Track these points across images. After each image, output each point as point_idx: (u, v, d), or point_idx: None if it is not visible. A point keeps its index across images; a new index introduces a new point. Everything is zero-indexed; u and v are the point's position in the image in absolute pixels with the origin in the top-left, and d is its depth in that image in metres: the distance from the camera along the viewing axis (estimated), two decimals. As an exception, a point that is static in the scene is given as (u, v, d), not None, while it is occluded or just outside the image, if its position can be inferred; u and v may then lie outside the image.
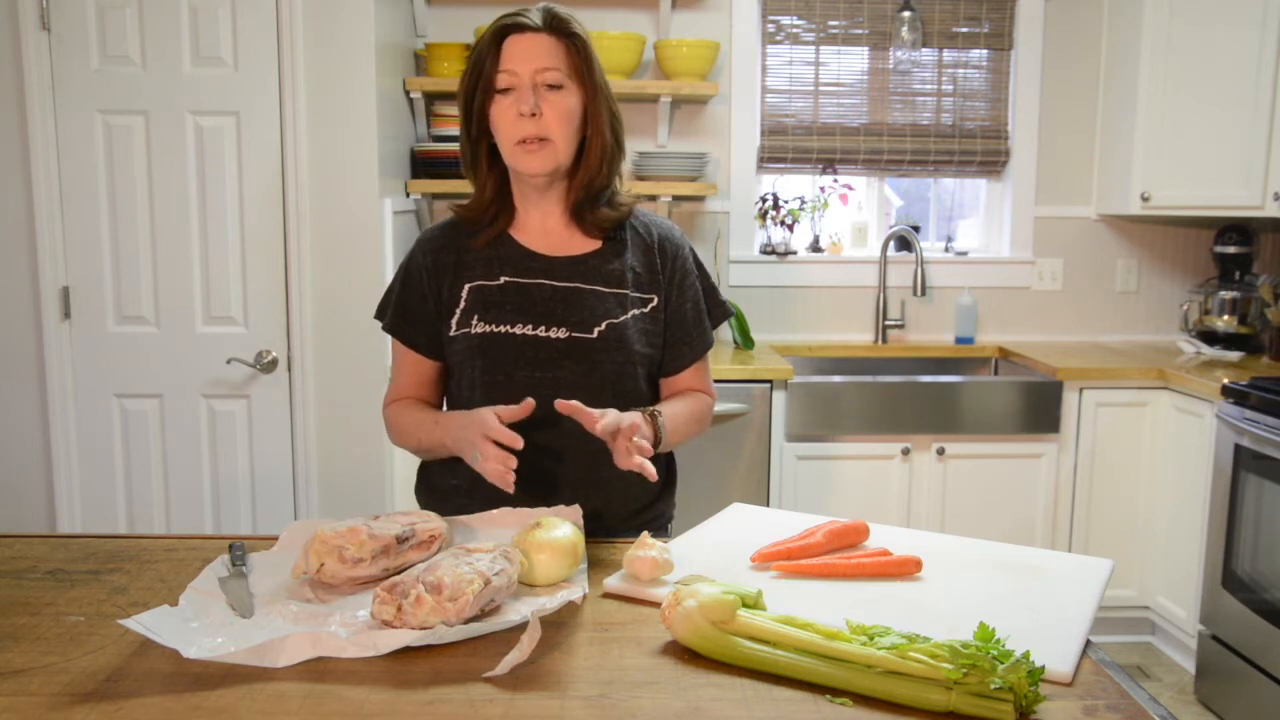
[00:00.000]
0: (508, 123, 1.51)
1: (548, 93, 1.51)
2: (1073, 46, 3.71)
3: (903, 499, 3.21)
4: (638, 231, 1.65)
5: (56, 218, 2.82)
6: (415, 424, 1.61)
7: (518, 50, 1.50)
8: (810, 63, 3.67)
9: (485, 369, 1.56)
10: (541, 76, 1.50)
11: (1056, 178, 3.77)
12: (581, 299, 1.57)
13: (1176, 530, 3.21)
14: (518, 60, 1.50)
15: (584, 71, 1.52)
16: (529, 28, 1.50)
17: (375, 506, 2.94)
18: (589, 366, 1.55)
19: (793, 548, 1.38)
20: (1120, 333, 3.85)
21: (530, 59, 1.50)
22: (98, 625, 1.19)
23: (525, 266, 1.59)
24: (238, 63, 2.80)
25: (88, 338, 2.87)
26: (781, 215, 3.65)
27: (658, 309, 1.62)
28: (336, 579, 1.24)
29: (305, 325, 2.88)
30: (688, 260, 1.67)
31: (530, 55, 1.50)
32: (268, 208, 2.85)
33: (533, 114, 1.49)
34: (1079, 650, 1.12)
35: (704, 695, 1.03)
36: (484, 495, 1.50)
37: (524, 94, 1.49)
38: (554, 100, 1.51)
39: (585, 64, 1.52)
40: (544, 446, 1.52)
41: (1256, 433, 2.79)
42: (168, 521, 2.95)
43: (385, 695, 1.02)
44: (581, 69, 1.52)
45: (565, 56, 1.51)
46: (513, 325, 1.55)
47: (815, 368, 3.63)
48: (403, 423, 1.64)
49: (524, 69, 1.50)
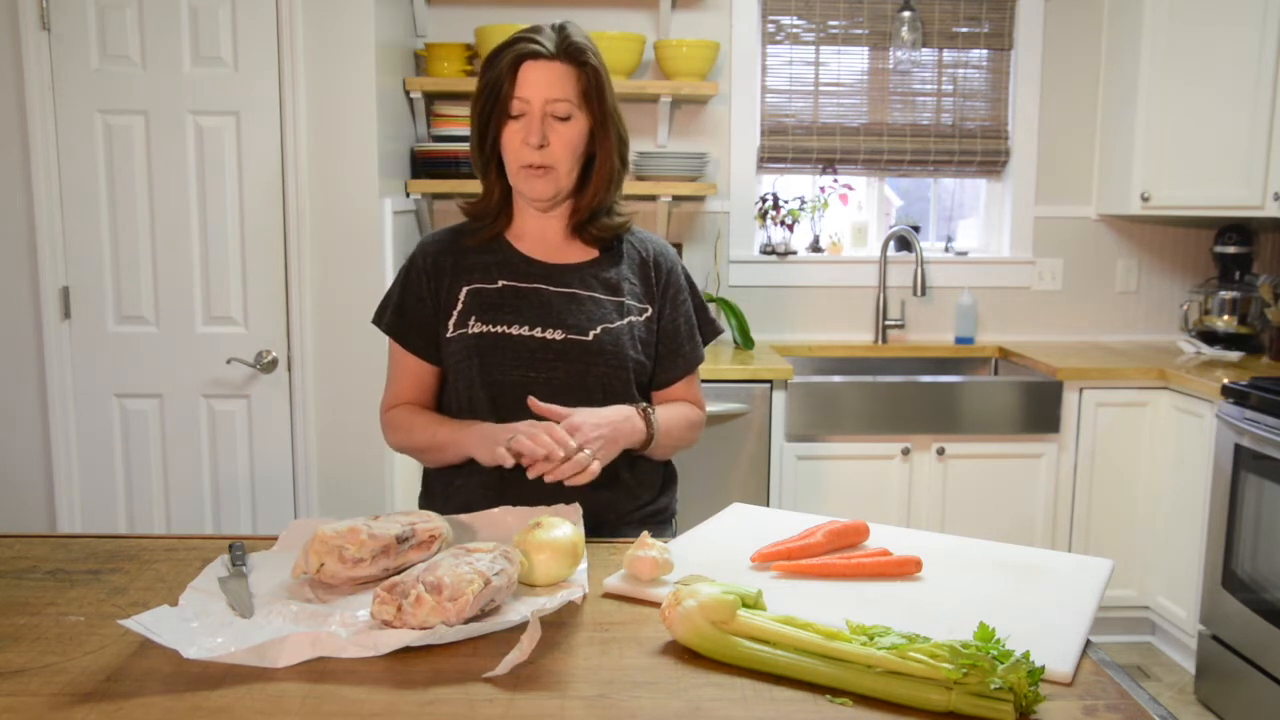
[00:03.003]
0: (515, 148, 1.56)
1: (556, 123, 1.55)
2: (1073, 46, 3.71)
3: (903, 499, 3.21)
4: (633, 246, 1.70)
5: (56, 218, 2.82)
6: (423, 424, 1.63)
7: (531, 79, 1.53)
8: (810, 63, 3.67)
9: (482, 368, 1.58)
10: (551, 107, 1.54)
11: (1056, 178, 3.77)
12: (579, 303, 1.61)
13: (1176, 530, 3.21)
14: (530, 88, 1.53)
15: (594, 100, 1.56)
16: (544, 55, 1.53)
17: (375, 506, 2.94)
18: (583, 368, 1.58)
19: (793, 548, 1.38)
20: (1120, 333, 3.85)
21: (542, 88, 1.53)
22: (98, 625, 1.19)
23: (524, 272, 1.63)
24: (238, 63, 2.80)
25: (88, 338, 2.87)
26: (781, 215, 3.65)
27: (651, 320, 1.66)
28: (336, 579, 1.24)
29: (305, 325, 2.88)
30: (680, 277, 1.72)
31: (543, 85, 1.53)
32: (268, 208, 2.85)
33: (540, 145, 1.53)
34: (1079, 650, 1.12)
35: (704, 695, 1.03)
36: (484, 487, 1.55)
37: (533, 125, 1.53)
38: (561, 130, 1.55)
39: (596, 92, 1.56)
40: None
41: (1256, 433, 2.79)
42: (168, 521, 2.95)
43: (385, 695, 1.02)
44: (591, 97, 1.56)
45: (576, 85, 1.55)
46: (509, 326, 1.58)
47: (815, 368, 3.63)
48: (404, 423, 1.65)
49: (535, 98, 1.53)
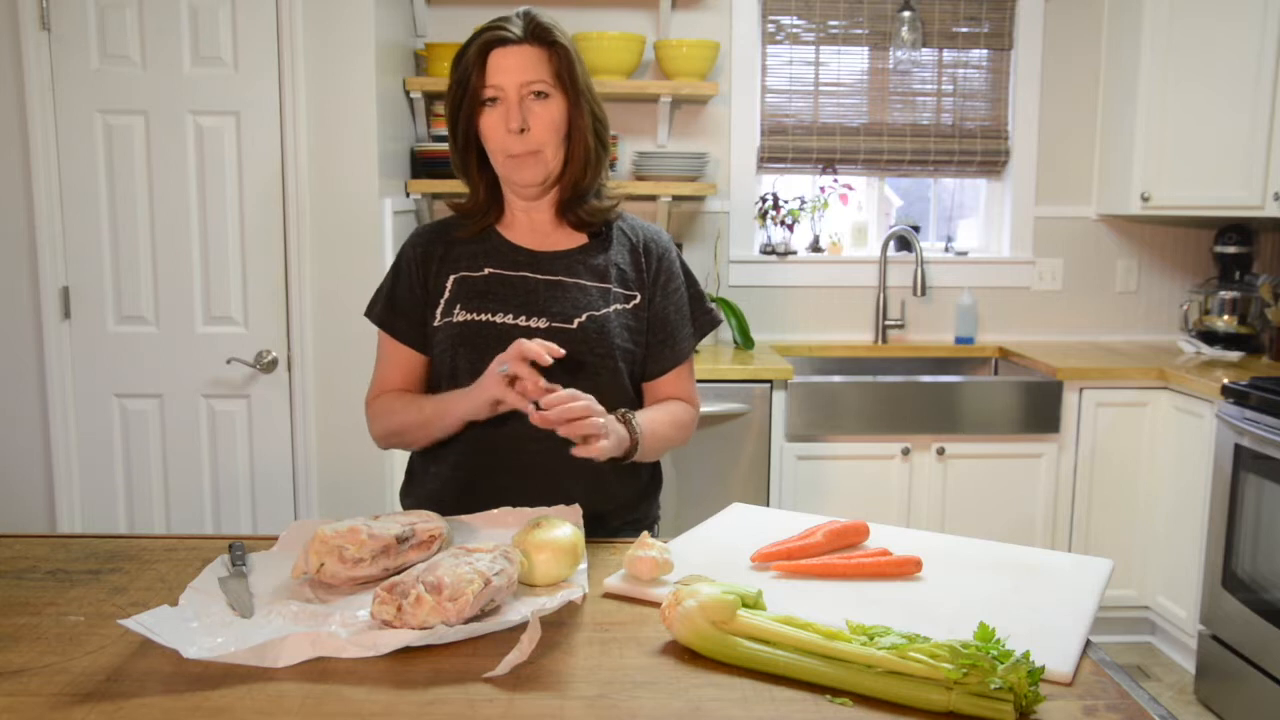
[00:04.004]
0: (498, 136, 1.55)
1: (534, 103, 1.54)
2: (1073, 46, 3.71)
3: (902, 499, 3.21)
4: (624, 233, 1.68)
5: (56, 218, 2.81)
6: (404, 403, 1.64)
7: (502, 64, 1.52)
8: (810, 63, 3.67)
9: (467, 357, 1.58)
10: (527, 89, 1.53)
11: (1056, 178, 3.77)
12: (564, 291, 1.60)
13: (1176, 530, 3.21)
14: (502, 74, 1.52)
15: (566, 79, 1.55)
16: (511, 40, 1.53)
17: (375, 506, 2.94)
18: (567, 356, 1.54)
19: (793, 548, 1.38)
20: (1120, 333, 3.85)
21: (515, 72, 1.52)
22: (98, 625, 1.18)
23: (510, 260, 1.63)
24: (238, 63, 2.79)
25: (88, 338, 2.87)
26: (781, 215, 3.65)
27: (640, 307, 1.64)
28: (336, 579, 1.24)
29: (305, 325, 2.88)
30: (673, 264, 1.69)
31: (515, 68, 1.52)
32: (268, 208, 2.85)
33: (521, 130, 1.52)
34: (1079, 650, 1.12)
35: (704, 695, 1.03)
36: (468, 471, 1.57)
37: (512, 110, 1.52)
38: (540, 111, 1.54)
39: (568, 71, 1.55)
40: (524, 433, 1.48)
41: (1256, 433, 2.79)
42: (168, 521, 2.95)
43: (385, 695, 1.02)
44: (564, 76, 1.55)
45: (548, 65, 1.54)
46: (494, 314, 1.58)
47: (815, 368, 3.63)
48: (387, 407, 1.66)
49: (509, 82, 1.52)
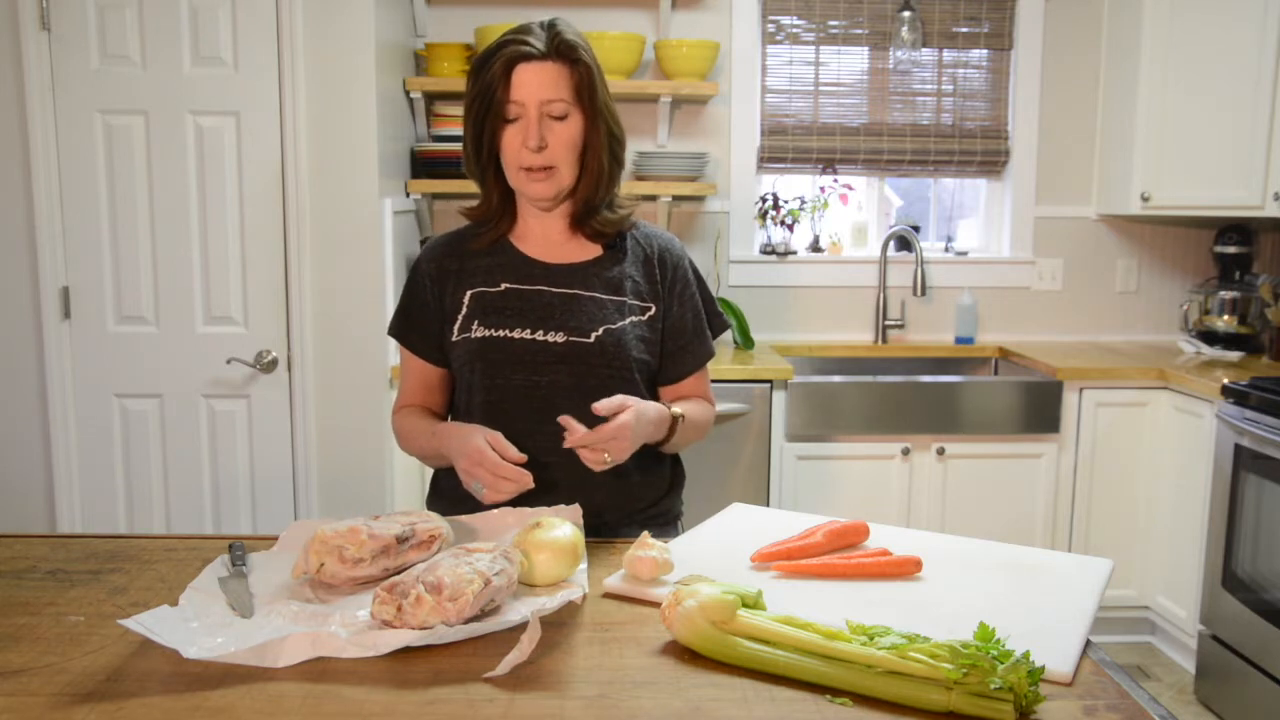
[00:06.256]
0: (514, 151, 1.55)
1: (552, 123, 1.54)
2: (1073, 46, 3.71)
3: (903, 499, 3.21)
4: (638, 243, 1.69)
5: (56, 218, 2.81)
6: (418, 432, 1.66)
7: (525, 80, 1.52)
8: (810, 63, 3.67)
9: (484, 373, 1.59)
10: (547, 108, 1.53)
11: (1056, 178, 3.77)
12: (580, 305, 1.61)
13: (1176, 530, 3.21)
14: (525, 90, 1.52)
15: (586, 98, 1.55)
16: (536, 56, 1.52)
17: (375, 506, 2.94)
18: (585, 370, 1.58)
19: (793, 548, 1.38)
20: (1120, 333, 3.85)
21: (537, 90, 1.52)
22: (98, 625, 1.19)
23: (525, 273, 1.63)
24: (238, 63, 2.79)
25: (88, 338, 2.87)
26: (781, 215, 3.65)
27: (655, 318, 1.65)
28: (336, 579, 1.24)
29: (305, 325, 2.88)
30: (687, 272, 1.71)
31: (537, 86, 1.52)
32: (268, 208, 2.85)
33: (539, 147, 1.53)
34: (1079, 650, 1.12)
35: (704, 695, 1.03)
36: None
37: (531, 126, 1.53)
38: (558, 130, 1.54)
39: (588, 90, 1.55)
40: (544, 448, 1.52)
41: (1256, 433, 2.79)
42: (168, 521, 2.95)
43: (385, 695, 1.02)
44: (584, 95, 1.55)
45: (569, 83, 1.54)
46: (511, 330, 1.59)
47: (815, 368, 3.63)
48: (405, 429, 1.69)
49: (530, 100, 1.52)
